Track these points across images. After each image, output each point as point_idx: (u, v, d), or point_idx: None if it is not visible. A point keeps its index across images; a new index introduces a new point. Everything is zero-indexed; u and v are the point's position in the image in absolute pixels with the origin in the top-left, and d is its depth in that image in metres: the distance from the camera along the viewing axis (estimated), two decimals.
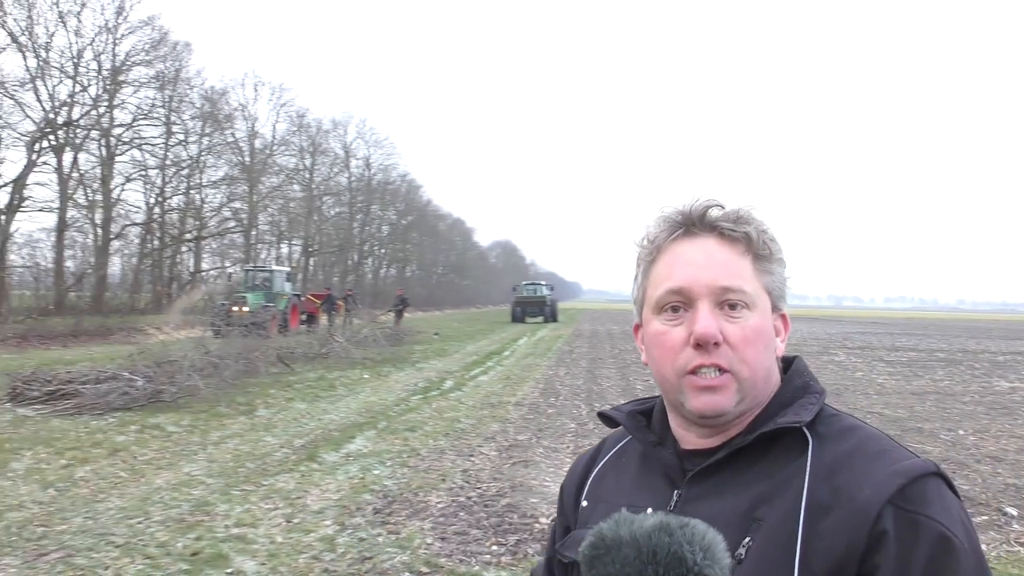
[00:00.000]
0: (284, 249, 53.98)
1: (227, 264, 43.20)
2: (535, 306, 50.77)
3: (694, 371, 1.03)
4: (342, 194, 60.92)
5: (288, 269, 33.73)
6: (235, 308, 24.93)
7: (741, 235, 1.07)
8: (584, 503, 1.21)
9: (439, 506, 6.58)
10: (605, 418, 1.22)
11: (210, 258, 45.55)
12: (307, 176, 54.24)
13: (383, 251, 71.31)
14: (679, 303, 1.06)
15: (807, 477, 0.98)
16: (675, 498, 1.07)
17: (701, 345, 1.02)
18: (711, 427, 1.07)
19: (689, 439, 1.10)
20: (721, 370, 1.03)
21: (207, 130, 39.75)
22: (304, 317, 31.16)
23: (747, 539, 0.97)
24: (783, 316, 1.12)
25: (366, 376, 16.17)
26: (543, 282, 59.04)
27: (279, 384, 14.20)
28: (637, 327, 1.16)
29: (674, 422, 1.12)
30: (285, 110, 49.76)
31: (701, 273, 1.05)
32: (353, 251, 62.37)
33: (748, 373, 1.03)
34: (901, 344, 31.30)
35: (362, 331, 24.14)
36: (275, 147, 48.99)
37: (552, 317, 50.17)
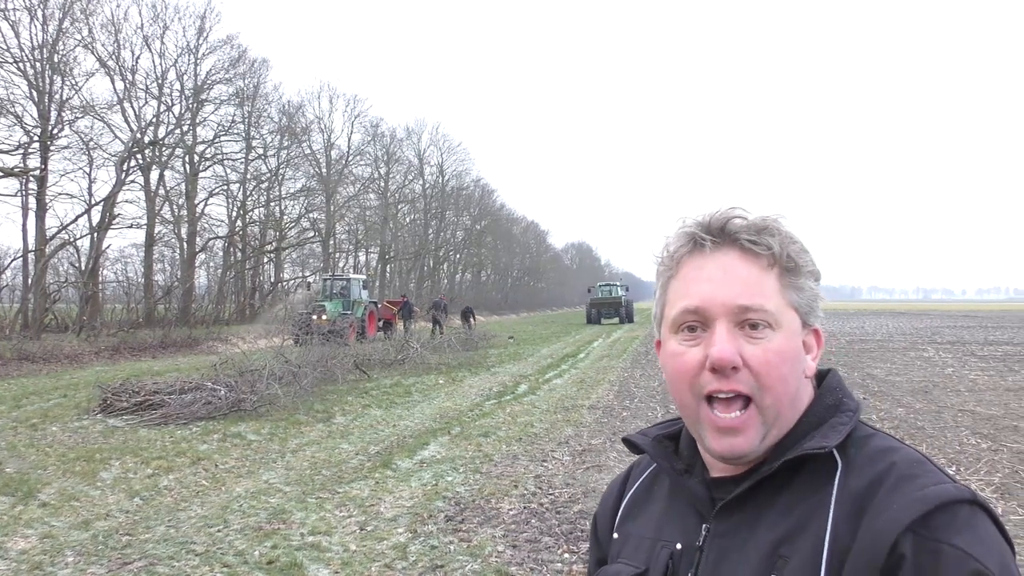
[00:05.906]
0: (362, 257, 55.08)
1: (307, 273, 44.16)
2: (610, 307, 50.36)
3: (711, 396, 0.97)
4: (416, 201, 61.73)
5: (364, 277, 34.31)
6: (315, 317, 25.49)
7: (764, 248, 0.98)
8: (615, 535, 1.15)
9: (511, 513, 6.56)
10: (630, 444, 1.15)
11: (290, 268, 46.84)
12: (382, 185, 55.14)
13: (458, 256, 71.97)
14: (696, 322, 0.99)
15: (831, 511, 0.91)
16: (704, 533, 1.01)
17: (717, 370, 0.96)
18: (733, 465, 1.01)
19: (718, 465, 1.04)
20: (742, 397, 0.96)
21: (285, 143, 40.70)
22: (381, 324, 31.64)
23: None
24: (815, 332, 1.03)
25: (441, 381, 16.29)
26: (618, 283, 58.67)
27: (356, 391, 14.39)
28: (659, 344, 1.08)
29: (701, 447, 1.05)
30: (359, 121, 50.55)
31: (719, 291, 0.97)
32: (428, 257, 63.09)
33: (771, 400, 0.96)
34: (995, 338, 29.94)
35: (436, 338, 24.46)
36: (351, 157, 49.91)
37: (628, 318, 49.68)
